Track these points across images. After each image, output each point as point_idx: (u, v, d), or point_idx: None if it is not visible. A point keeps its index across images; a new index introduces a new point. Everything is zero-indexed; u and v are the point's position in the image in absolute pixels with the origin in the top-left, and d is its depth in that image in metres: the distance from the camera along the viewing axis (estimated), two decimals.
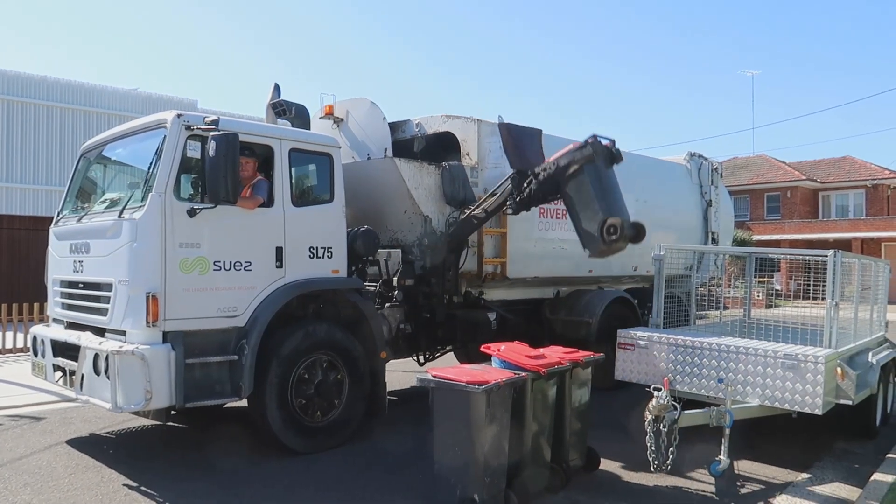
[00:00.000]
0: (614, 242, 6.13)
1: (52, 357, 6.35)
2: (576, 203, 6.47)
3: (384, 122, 7.86)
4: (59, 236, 6.67)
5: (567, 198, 6.59)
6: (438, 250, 7.55)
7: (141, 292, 5.36)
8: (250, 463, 5.88)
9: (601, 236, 6.13)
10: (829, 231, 33.56)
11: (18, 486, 5.26)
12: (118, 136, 6.53)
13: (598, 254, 6.45)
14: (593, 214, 6.26)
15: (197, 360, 5.50)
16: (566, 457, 5.39)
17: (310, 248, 6.31)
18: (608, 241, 6.14)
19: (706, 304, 9.06)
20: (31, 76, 19.72)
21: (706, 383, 6.26)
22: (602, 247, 6.21)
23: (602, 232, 6.12)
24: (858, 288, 7.15)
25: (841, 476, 5.93)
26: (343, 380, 6.40)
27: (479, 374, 4.60)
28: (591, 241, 6.28)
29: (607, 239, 6.13)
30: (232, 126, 5.76)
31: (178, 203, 5.52)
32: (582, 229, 6.39)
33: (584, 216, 6.35)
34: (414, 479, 5.47)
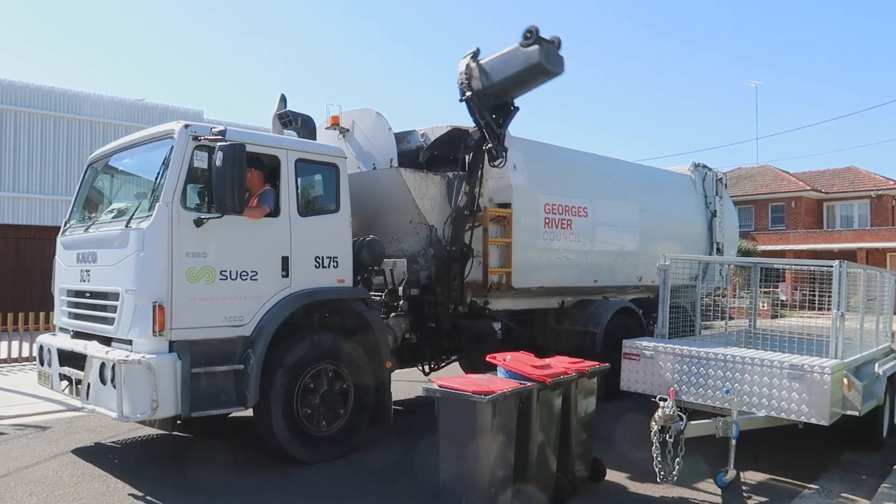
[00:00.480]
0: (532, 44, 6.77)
1: (58, 366, 6.37)
2: (511, 76, 7.11)
3: (390, 132, 7.90)
4: (66, 246, 6.70)
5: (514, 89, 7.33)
6: (443, 259, 7.56)
7: (148, 301, 5.38)
8: (256, 472, 5.87)
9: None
10: (833, 241, 33.50)
11: (24, 496, 5.27)
12: (126, 146, 6.58)
13: (551, 59, 7.01)
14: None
15: (203, 369, 5.51)
16: (572, 467, 5.38)
17: (315, 257, 6.33)
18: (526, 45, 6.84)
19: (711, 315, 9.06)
20: (38, 87, 19.87)
21: (712, 394, 6.25)
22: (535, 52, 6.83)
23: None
24: (864, 298, 7.14)
25: (848, 487, 5.90)
26: (348, 389, 6.40)
27: (484, 384, 4.60)
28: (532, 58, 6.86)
29: (525, 43, 6.83)
30: (239, 136, 5.80)
31: (185, 213, 5.55)
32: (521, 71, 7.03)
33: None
34: (419, 489, 5.45)
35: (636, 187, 10.38)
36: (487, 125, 7.46)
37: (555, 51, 7.05)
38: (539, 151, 8.90)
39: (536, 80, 7.26)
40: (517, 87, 7.35)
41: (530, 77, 7.17)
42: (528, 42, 6.87)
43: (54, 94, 20.06)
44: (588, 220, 9.20)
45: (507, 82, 7.21)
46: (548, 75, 7.16)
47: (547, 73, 7.10)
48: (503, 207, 8.15)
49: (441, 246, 7.59)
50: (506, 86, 7.26)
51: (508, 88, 7.33)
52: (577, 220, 9.02)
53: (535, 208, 8.49)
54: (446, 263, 7.60)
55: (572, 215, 8.96)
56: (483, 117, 7.45)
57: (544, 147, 9.12)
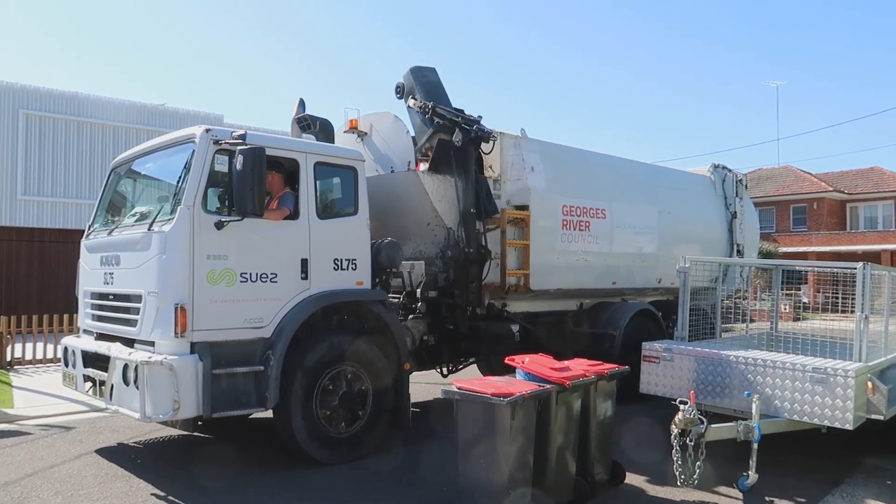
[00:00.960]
0: None
1: (82, 367, 6.46)
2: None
3: (408, 135, 7.93)
4: (90, 249, 6.81)
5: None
6: (461, 262, 7.57)
7: (170, 304, 5.45)
8: (275, 474, 5.92)
9: None
10: (857, 243, 33.02)
11: (49, 495, 5.36)
12: (148, 150, 6.67)
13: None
14: None
15: (224, 370, 5.57)
16: (591, 470, 5.36)
17: (334, 260, 6.37)
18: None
19: (732, 317, 8.96)
20: (62, 92, 20.17)
21: (733, 397, 6.19)
22: None
23: None
24: (889, 301, 7.03)
25: (873, 493, 5.81)
26: (367, 391, 6.43)
27: (503, 387, 4.60)
28: None
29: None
30: (259, 140, 5.86)
31: (206, 216, 5.62)
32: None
33: None
34: (438, 491, 5.46)
35: (655, 189, 10.31)
36: (460, 117, 7.71)
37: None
38: (557, 153, 8.88)
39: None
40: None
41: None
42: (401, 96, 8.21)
43: (77, 99, 20.36)
44: (606, 221, 9.16)
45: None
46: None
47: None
48: (521, 209, 8.15)
49: (459, 248, 7.60)
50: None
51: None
52: (595, 222, 8.98)
53: (554, 210, 8.47)
54: (464, 265, 7.61)
55: (590, 217, 8.93)
56: (455, 115, 7.71)
57: (562, 149, 9.10)
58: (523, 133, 8.45)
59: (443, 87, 8.11)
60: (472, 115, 7.84)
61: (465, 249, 7.58)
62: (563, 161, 8.93)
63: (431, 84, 8.03)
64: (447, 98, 8.00)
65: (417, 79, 7.98)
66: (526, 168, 8.20)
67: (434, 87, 8.03)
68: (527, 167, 8.21)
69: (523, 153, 8.23)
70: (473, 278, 7.68)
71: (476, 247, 7.62)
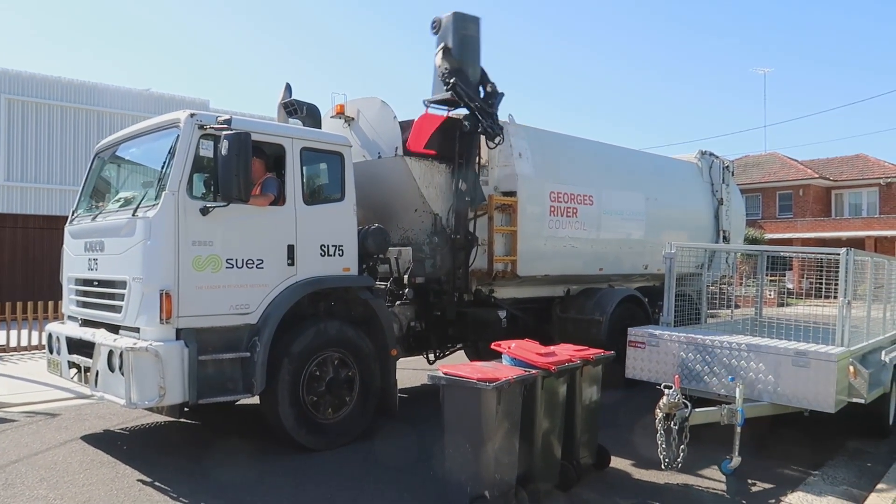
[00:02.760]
0: None
1: (67, 354, 6.43)
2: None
3: (395, 121, 7.89)
4: (73, 235, 6.75)
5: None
6: (448, 248, 7.58)
7: (155, 290, 5.42)
8: (262, 459, 5.92)
9: None
10: (841, 229, 33.31)
11: (35, 481, 5.33)
12: (132, 135, 6.60)
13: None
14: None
15: (210, 356, 5.55)
16: (577, 454, 5.40)
17: (321, 246, 6.35)
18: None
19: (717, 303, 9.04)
20: (45, 77, 19.89)
21: (717, 381, 6.26)
22: None
23: None
24: (871, 286, 7.12)
25: (853, 475, 5.90)
26: (354, 377, 6.44)
27: (489, 372, 4.62)
28: None
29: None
30: (244, 125, 5.81)
31: (191, 201, 5.58)
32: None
33: None
34: (425, 476, 5.49)
35: (642, 175, 10.34)
36: (479, 107, 7.64)
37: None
38: (544, 140, 8.87)
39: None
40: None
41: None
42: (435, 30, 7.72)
43: (60, 83, 20.08)
44: (594, 208, 9.18)
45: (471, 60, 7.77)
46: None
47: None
48: (508, 196, 8.15)
49: (446, 234, 7.60)
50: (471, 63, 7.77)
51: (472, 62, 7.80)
52: (582, 209, 9.00)
53: (541, 197, 8.48)
54: (451, 252, 7.61)
55: (578, 203, 8.95)
56: (472, 100, 7.62)
57: (550, 135, 9.10)
58: (511, 119, 8.43)
59: (478, 46, 7.86)
60: (493, 99, 7.81)
61: (452, 236, 7.58)
62: (550, 147, 8.93)
63: (468, 39, 7.73)
64: (478, 58, 7.83)
65: (456, 28, 7.63)
66: (514, 154, 8.19)
67: (470, 42, 7.75)
68: (514, 153, 8.20)
69: (511, 139, 8.22)
70: (460, 264, 7.69)
71: (463, 233, 7.62)
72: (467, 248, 7.71)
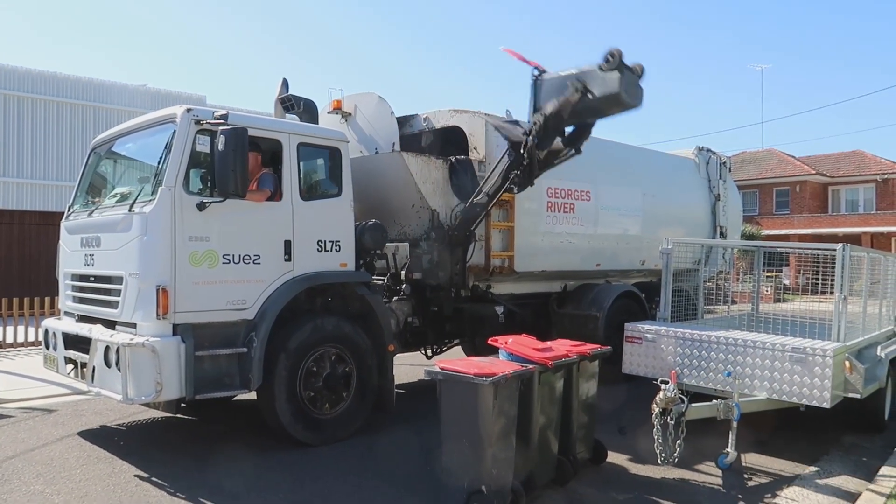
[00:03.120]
0: (620, 68, 5.85)
1: (63, 350, 6.42)
2: (584, 109, 6.24)
3: (392, 116, 7.88)
4: (70, 230, 6.73)
5: (578, 118, 6.49)
6: (445, 243, 7.57)
7: (151, 285, 5.41)
8: (259, 455, 5.92)
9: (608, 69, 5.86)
10: (838, 226, 33.37)
11: (31, 477, 5.33)
12: (128, 130, 6.58)
13: (630, 90, 5.99)
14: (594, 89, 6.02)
15: (207, 352, 5.55)
16: (573, 449, 5.41)
17: (318, 241, 6.34)
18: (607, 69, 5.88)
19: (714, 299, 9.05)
20: (41, 72, 19.82)
21: (714, 377, 6.27)
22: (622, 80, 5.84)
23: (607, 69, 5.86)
24: (868, 282, 7.13)
25: (849, 469, 5.92)
26: (351, 373, 6.44)
27: (486, 367, 4.62)
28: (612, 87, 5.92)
29: (605, 67, 5.88)
30: (241, 120, 5.79)
31: (187, 197, 5.56)
32: (602, 97, 6.03)
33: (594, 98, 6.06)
34: (422, 471, 5.49)
35: (639, 171, 10.34)
36: (529, 160, 6.80)
37: (636, 81, 6.11)
38: None
39: (609, 110, 6.37)
40: (584, 113, 6.46)
41: (603, 106, 6.24)
42: (609, 66, 5.93)
43: (57, 79, 20.03)
44: (591, 204, 9.18)
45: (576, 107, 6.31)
46: (623, 107, 6.22)
47: (622, 104, 6.16)
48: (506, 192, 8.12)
49: (443, 230, 7.59)
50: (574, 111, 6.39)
51: (577, 114, 6.44)
52: (580, 204, 9.01)
53: (538, 192, 8.46)
54: (448, 247, 7.60)
55: (575, 199, 8.95)
56: (531, 153, 6.76)
57: None
58: (508, 114, 8.42)
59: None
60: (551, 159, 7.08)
61: (451, 232, 7.58)
62: None
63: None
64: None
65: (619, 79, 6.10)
66: None
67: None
68: None
69: None
70: (458, 260, 7.69)
71: (461, 229, 7.61)
72: (465, 244, 7.70)
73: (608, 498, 5.09)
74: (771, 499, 5.15)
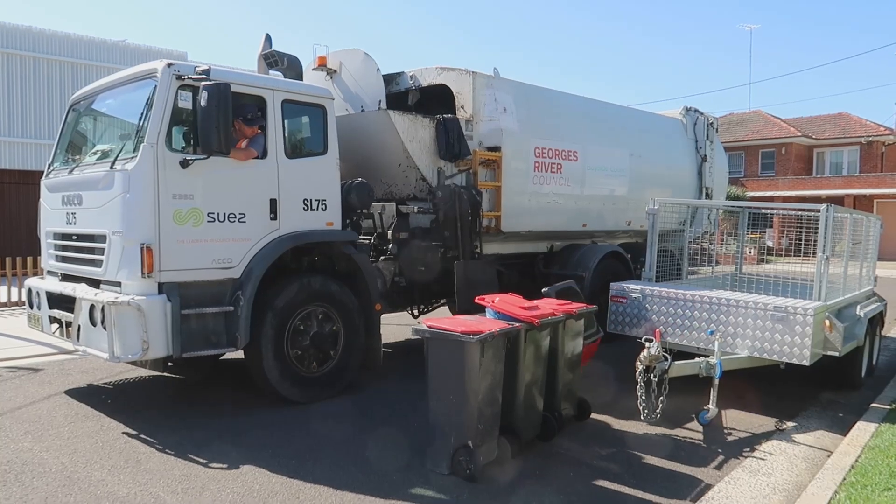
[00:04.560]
0: None
1: (47, 309, 6.37)
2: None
3: (378, 73, 7.75)
4: (50, 188, 6.62)
5: None
6: (451, 204, 7.47)
7: (135, 244, 5.35)
8: (247, 412, 5.97)
9: None
10: (822, 188, 33.59)
11: (19, 434, 5.34)
12: (108, 86, 6.43)
13: None
14: None
15: (193, 310, 5.53)
16: (558, 406, 5.50)
17: (304, 200, 6.29)
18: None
19: (698, 260, 9.13)
20: (16, 26, 19.23)
21: (697, 335, 6.37)
22: None
23: None
24: (849, 243, 7.22)
25: (826, 425, 6.08)
26: (338, 331, 6.46)
27: (473, 325, 4.65)
28: None
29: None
30: (224, 76, 5.67)
31: (170, 154, 5.47)
32: None
33: None
34: (409, 427, 5.57)
35: (627, 131, 10.31)
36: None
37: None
38: (530, 94, 8.78)
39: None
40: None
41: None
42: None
43: (32, 33, 19.45)
44: (578, 164, 9.16)
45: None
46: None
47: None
48: (493, 151, 8.09)
49: (449, 189, 7.46)
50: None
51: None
52: (567, 165, 8.98)
53: (526, 152, 8.44)
54: (453, 207, 7.48)
55: (562, 159, 8.92)
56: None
57: (535, 90, 9.00)
58: (496, 73, 8.32)
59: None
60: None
61: (458, 191, 7.49)
62: (536, 102, 8.85)
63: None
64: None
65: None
66: (498, 109, 8.11)
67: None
68: (499, 108, 8.12)
69: (496, 93, 8.13)
70: (466, 222, 7.61)
71: (470, 189, 7.52)
72: (474, 205, 7.63)
73: (591, 452, 5.19)
74: (750, 452, 5.29)
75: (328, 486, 4.42)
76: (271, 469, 4.68)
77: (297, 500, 4.22)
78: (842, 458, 4.97)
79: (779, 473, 4.89)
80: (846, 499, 4.21)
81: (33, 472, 4.58)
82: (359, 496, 4.28)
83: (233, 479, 4.52)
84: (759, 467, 4.99)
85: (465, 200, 7.55)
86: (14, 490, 4.28)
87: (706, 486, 4.62)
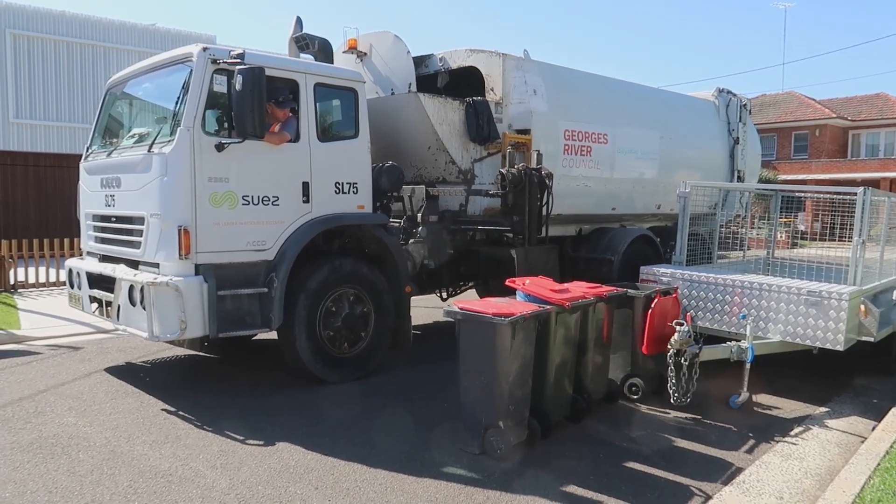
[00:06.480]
0: None
1: (87, 289, 6.55)
2: None
3: (408, 56, 7.75)
4: (89, 171, 6.77)
5: None
6: (521, 185, 7.32)
7: (173, 226, 5.47)
8: (280, 392, 6.10)
9: None
10: (857, 171, 32.86)
11: (63, 410, 5.53)
12: (144, 70, 6.53)
13: None
14: None
15: (228, 292, 5.65)
16: (588, 388, 5.53)
17: (335, 183, 6.36)
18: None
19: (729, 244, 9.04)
20: (49, 11, 19.55)
21: (728, 319, 6.33)
22: None
23: None
24: (886, 227, 7.09)
25: (859, 410, 6.02)
26: (369, 313, 6.55)
27: (504, 307, 4.69)
28: None
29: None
30: (258, 60, 5.73)
31: (206, 137, 5.57)
32: None
33: None
34: (439, 408, 5.65)
35: (657, 114, 10.18)
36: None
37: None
38: (560, 76, 8.71)
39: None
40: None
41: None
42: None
43: (65, 18, 19.76)
44: (608, 147, 9.08)
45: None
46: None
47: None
48: (522, 133, 8.06)
49: (520, 170, 7.35)
50: None
51: None
52: (596, 147, 8.91)
53: (555, 135, 8.38)
54: (522, 190, 7.35)
55: (592, 142, 8.85)
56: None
57: (565, 71, 8.92)
58: (526, 55, 8.27)
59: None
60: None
61: (530, 171, 7.36)
62: (565, 84, 8.77)
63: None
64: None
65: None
66: (528, 91, 8.06)
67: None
68: (529, 90, 8.07)
69: (526, 75, 8.08)
70: (535, 206, 7.51)
71: (540, 171, 7.43)
72: (542, 187, 7.49)
73: (621, 435, 5.22)
74: (781, 437, 5.26)
75: (361, 463, 4.52)
76: (306, 447, 4.79)
77: (332, 476, 4.32)
78: (876, 444, 4.93)
79: (811, 458, 4.87)
80: (880, 484, 4.19)
81: (79, 445, 4.74)
82: (391, 473, 4.37)
83: (269, 455, 4.64)
84: (792, 452, 4.97)
85: (535, 184, 7.39)
86: (62, 462, 4.45)
87: (737, 469, 4.62)
